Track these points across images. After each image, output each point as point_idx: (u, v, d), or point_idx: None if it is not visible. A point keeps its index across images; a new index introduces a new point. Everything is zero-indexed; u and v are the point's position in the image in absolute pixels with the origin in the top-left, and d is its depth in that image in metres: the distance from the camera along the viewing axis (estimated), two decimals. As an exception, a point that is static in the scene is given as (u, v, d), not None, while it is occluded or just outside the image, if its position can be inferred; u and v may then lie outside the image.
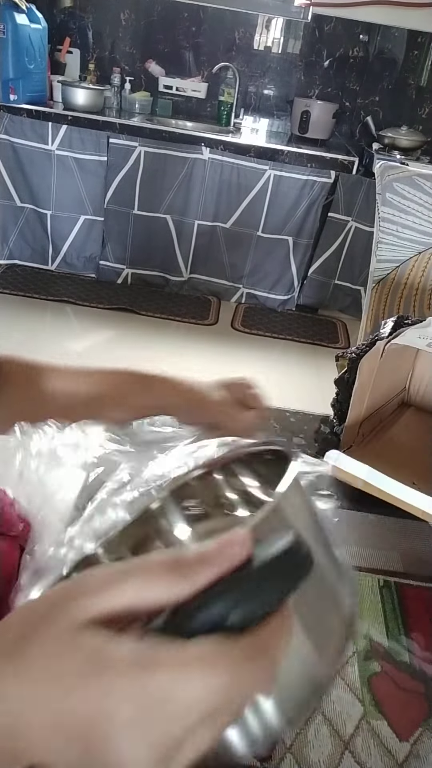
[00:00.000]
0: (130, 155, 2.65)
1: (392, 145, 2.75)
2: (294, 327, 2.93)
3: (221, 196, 2.74)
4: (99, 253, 2.93)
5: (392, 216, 1.67)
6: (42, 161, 2.67)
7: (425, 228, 1.67)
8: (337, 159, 2.62)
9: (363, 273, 2.71)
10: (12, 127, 2.59)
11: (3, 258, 2.94)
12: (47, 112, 2.59)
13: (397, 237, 1.69)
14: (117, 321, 2.76)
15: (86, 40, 3.00)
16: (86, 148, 2.63)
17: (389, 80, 2.96)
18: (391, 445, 0.85)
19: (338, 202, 2.71)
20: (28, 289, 2.86)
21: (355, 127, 3.07)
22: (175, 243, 2.88)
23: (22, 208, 2.80)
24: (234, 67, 2.91)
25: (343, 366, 0.77)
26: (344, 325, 3.03)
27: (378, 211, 1.69)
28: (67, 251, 2.92)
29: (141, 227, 2.84)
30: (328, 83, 3.01)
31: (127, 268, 2.97)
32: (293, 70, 3.01)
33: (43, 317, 2.70)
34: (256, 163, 2.64)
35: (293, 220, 2.76)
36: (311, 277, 2.93)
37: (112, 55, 3.03)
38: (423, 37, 2.84)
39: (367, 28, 2.86)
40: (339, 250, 2.83)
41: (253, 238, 2.83)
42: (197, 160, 2.64)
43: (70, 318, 2.76)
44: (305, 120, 2.82)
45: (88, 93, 2.63)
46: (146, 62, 3.01)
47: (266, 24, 2.93)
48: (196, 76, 3.04)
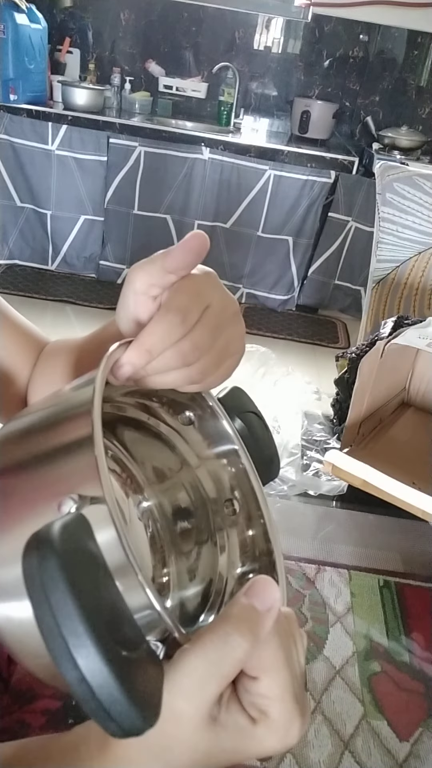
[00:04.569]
0: (130, 155, 2.65)
1: (392, 145, 2.75)
2: (294, 327, 2.93)
3: (221, 196, 2.74)
4: (99, 253, 2.93)
5: (392, 216, 1.67)
6: (42, 161, 2.67)
7: (425, 228, 1.67)
8: (337, 159, 2.62)
9: (363, 273, 2.71)
10: (12, 127, 2.59)
11: (3, 258, 2.94)
12: (47, 112, 2.59)
13: (397, 237, 1.69)
14: (117, 321, 2.75)
15: (86, 40, 3.00)
16: (86, 148, 2.63)
17: (389, 80, 2.96)
18: (391, 445, 0.85)
19: (338, 202, 2.71)
20: (28, 289, 2.86)
21: (355, 127, 3.07)
22: (175, 243, 2.83)
23: (22, 208, 2.80)
24: (234, 67, 2.91)
25: (343, 366, 0.77)
26: (344, 325, 3.03)
27: (378, 211, 1.69)
28: (67, 251, 2.92)
29: (141, 227, 2.84)
30: (328, 83, 3.01)
31: (127, 268, 2.97)
32: (293, 70, 3.01)
33: (43, 317, 2.70)
34: (256, 163, 2.64)
35: (293, 220, 2.76)
36: (311, 277, 2.93)
37: (112, 55, 3.03)
38: (423, 37, 2.84)
39: (367, 28, 2.86)
40: (339, 250, 2.83)
41: (253, 238, 2.83)
42: (197, 160, 2.64)
43: (70, 318, 2.76)
44: (305, 120, 2.82)
45: (88, 93, 2.63)
46: (146, 62, 3.01)
47: (266, 24, 2.93)
48: (196, 76, 3.04)
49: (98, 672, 0.21)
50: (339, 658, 0.59)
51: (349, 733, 0.50)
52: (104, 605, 0.23)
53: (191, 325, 0.35)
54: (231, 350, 0.37)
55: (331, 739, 0.49)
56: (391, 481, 0.65)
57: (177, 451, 0.42)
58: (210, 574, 0.40)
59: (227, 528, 0.41)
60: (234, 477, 0.41)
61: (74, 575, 0.21)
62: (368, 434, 0.86)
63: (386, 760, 0.48)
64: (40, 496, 0.29)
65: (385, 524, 0.72)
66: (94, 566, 0.23)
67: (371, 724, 0.51)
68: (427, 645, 0.58)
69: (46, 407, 0.34)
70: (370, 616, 0.61)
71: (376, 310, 1.82)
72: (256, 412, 0.42)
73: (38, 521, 0.27)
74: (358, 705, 0.52)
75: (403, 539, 0.71)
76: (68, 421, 0.31)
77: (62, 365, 0.51)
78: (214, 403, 0.40)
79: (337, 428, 0.76)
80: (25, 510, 0.29)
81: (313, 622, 0.67)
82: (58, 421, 0.32)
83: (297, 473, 1.41)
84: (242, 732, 0.28)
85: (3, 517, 0.29)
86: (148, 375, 0.35)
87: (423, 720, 0.51)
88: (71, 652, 0.21)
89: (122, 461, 0.43)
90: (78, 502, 0.25)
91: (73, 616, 0.21)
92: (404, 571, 0.67)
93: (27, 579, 0.22)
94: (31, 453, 0.31)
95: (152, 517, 0.43)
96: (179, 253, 0.36)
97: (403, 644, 0.58)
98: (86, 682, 0.21)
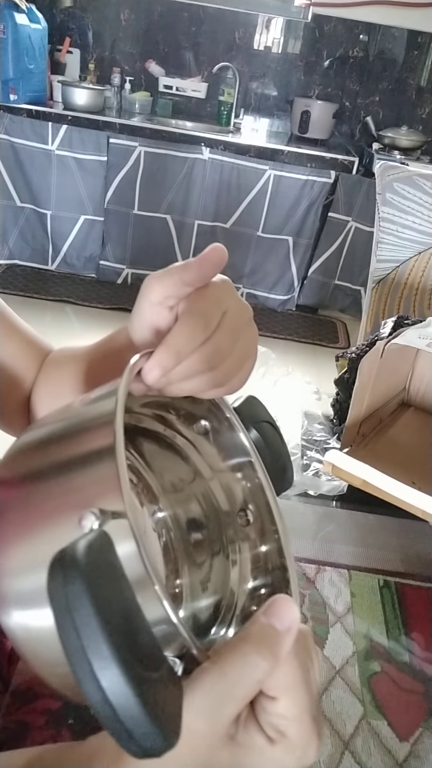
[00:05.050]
0: (130, 155, 2.65)
1: (392, 145, 2.75)
2: (294, 327, 2.93)
3: (221, 196, 2.74)
4: (99, 253, 2.93)
5: (392, 216, 1.67)
6: (42, 161, 2.67)
7: (425, 228, 1.67)
8: (337, 159, 2.62)
9: (363, 273, 2.71)
10: (12, 127, 2.59)
11: (3, 258, 2.94)
12: (47, 112, 2.59)
13: (397, 237, 1.69)
14: (117, 321, 2.75)
15: (86, 40, 3.00)
16: (86, 148, 2.63)
17: (389, 80, 2.96)
18: (391, 445, 0.85)
19: (338, 202, 2.71)
20: (28, 289, 2.86)
21: (355, 127, 3.07)
22: (175, 243, 2.88)
23: (22, 207, 2.80)
24: (234, 67, 2.91)
25: (343, 366, 0.77)
26: (344, 325, 3.03)
27: (378, 211, 1.69)
28: (67, 251, 2.92)
29: (141, 227, 2.84)
30: (328, 83, 3.01)
31: (127, 268, 2.97)
32: (293, 70, 3.01)
33: (43, 317, 2.70)
34: (256, 163, 2.64)
35: (293, 220, 2.76)
36: (311, 277, 2.93)
37: (112, 55, 3.03)
38: (423, 37, 2.84)
39: (367, 28, 2.86)
40: (339, 250, 2.83)
41: (253, 238, 2.83)
42: (197, 160, 2.64)
43: (70, 318, 2.76)
44: (305, 120, 2.82)
45: (88, 93, 2.64)
46: (146, 62, 3.01)
47: (266, 24, 2.93)
48: (196, 76, 3.04)
49: (122, 694, 0.21)
50: (339, 658, 0.59)
51: (349, 733, 0.50)
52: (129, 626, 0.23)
53: (213, 329, 0.35)
54: (248, 353, 0.38)
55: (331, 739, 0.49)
56: (391, 481, 0.65)
57: (191, 462, 0.42)
58: (221, 587, 0.40)
59: (239, 541, 0.41)
60: (249, 490, 0.40)
61: (100, 596, 0.22)
62: (368, 434, 0.87)
63: (386, 760, 0.48)
64: (58, 507, 0.28)
65: (385, 524, 0.72)
66: (118, 587, 0.23)
67: (371, 724, 0.51)
68: (427, 645, 0.58)
69: (66, 417, 0.33)
70: (370, 616, 0.61)
71: (376, 310, 1.82)
72: (271, 422, 0.42)
73: (56, 532, 0.27)
74: (358, 705, 0.52)
75: (403, 539, 0.71)
76: (89, 431, 0.30)
77: (69, 374, 0.51)
78: (231, 415, 0.40)
79: (337, 428, 0.76)
80: (42, 520, 0.29)
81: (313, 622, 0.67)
82: (78, 430, 0.31)
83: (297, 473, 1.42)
84: (260, 752, 0.28)
85: (20, 526, 0.29)
86: (172, 382, 0.34)
87: (423, 720, 0.51)
88: (95, 674, 0.21)
89: (138, 470, 0.42)
90: (100, 517, 0.25)
91: (98, 638, 0.21)
92: (404, 571, 0.67)
93: (52, 598, 0.22)
94: (49, 462, 0.31)
95: (166, 526, 0.43)
96: (199, 267, 0.37)
97: (403, 644, 0.58)
98: (110, 704, 0.21)
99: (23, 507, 0.30)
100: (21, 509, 0.30)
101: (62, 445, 0.31)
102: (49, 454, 0.32)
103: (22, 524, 0.29)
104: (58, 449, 0.31)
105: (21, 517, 0.30)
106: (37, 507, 0.29)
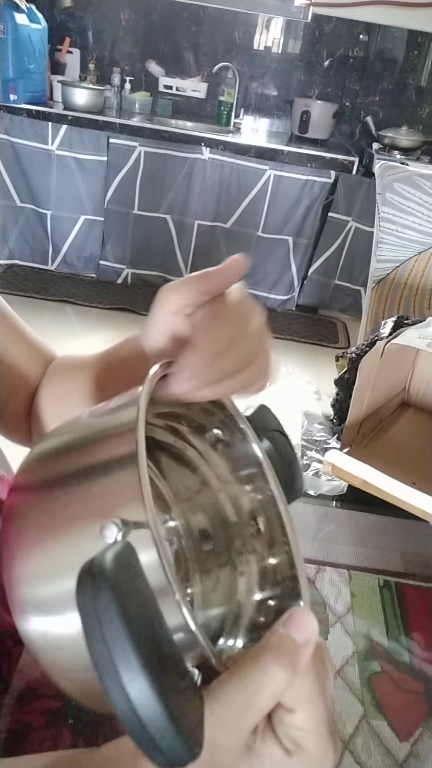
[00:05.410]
0: (130, 155, 2.65)
1: (392, 145, 2.75)
2: (294, 327, 2.93)
3: (221, 196, 2.74)
4: (99, 253, 2.93)
5: (392, 216, 1.67)
6: (42, 161, 2.67)
7: (425, 228, 1.67)
8: (337, 159, 2.62)
9: (363, 273, 2.71)
10: (12, 127, 2.59)
11: (3, 258, 2.94)
12: (47, 112, 2.59)
13: (397, 237, 1.69)
14: (117, 321, 2.75)
15: (86, 40, 3.00)
16: (86, 148, 2.63)
17: (389, 80, 2.96)
18: (391, 445, 0.85)
19: (338, 202, 2.71)
20: (28, 289, 2.86)
21: (355, 127, 3.07)
22: (175, 243, 2.88)
23: (22, 207, 2.80)
24: (234, 67, 2.91)
25: (343, 366, 0.77)
26: (344, 325, 3.03)
27: (378, 211, 1.69)
28: (67, 251, 2.92)
29: (141, 227, 2.84)
30: (328, 83, 3.01)
31: (127, 268, 2.97)
32: (293, 70, 3.01)
33: (42, 317, 2.70)
34: (256, 163, 2.64)
35: (293, 220, 2.76)
36: (311, 277, 2.92)
37: (112, 55, 3.03)
38: (423, 37, 2.84)
39: (367, 28, 2.86)
40: (339, 250, 2.83)
41: (253, 238, 2.83)
42: (197, 160, 2.64)
43: (70, 318, 2.76)
44: (305, 120, 2.82)
45: (88, 93, 2.63)
46: (146, 62, 3.01)
47: (266, 24, 2.93)
48: (196, 76, 3.04)
49: (150, 705, 0.22)
50: (339, 658, 0.59)
51: (349, 733, 0.50)
52: (155, 637, 0.23)
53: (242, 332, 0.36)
54: (268, 353, 0.39)
55: (331, 739, 0.49)
56: (391, 481, 0.65)
57: (199, 473, 0.42)
58: (229, 598, 0.40)
59: (247, 553, 0.41)
60: (259, 501, 0.40)
61: (128, 608, 0.22)
62: (368, 434, 0.86)
63: (386, 760, 0.48)
64: (78, 515, 0.28)
65: (385, 524, 0.72)
66: (144, 598, 0.23)
67: (371, 724, 0.51)
68: (427, 645, 0.58)
69: (85, 426, 0.33)
70: (370, 616, 0.61)
71: (376, 310, 1.82)
72: (281, 431, 0.42)
73: (77, 540, 0.27)
74: (358, 705, 0.52)
75: (403, 539, 0.71)
76: (110, 439, 0.30)
77: (75, 383, 0.51)
78: (245, 426, 0.40)
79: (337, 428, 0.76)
80: (62, 528, 0.29)
81: (313, 622, 0.67)
82: (98, 439, 0.31)
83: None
84: (277, 764, 0.28)
85: (39, 533, 0.29)
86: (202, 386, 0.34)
87: (423, 720, 0.51)
88: (124, 685, 0.22)
89: (151, 478, 0.42)
90: (122, 528, 0.25)
91: (127, 649, 0.21)
92: (404, 571, 0.67)
93: (82, 610, 0.22)
94: (69, 470, 0.31)
95: (177, 534, 0.43)
96: (218, 278, 0.38)
97: (403, 644, 0.58)
98: (137, 715, 0.22)
99: (42, 514, 0.30)
100: (39, 517, 0.30)
101: (82, 453, 0.31)
102: (69, 462, 0.31)
103: (41, 531, 0.29)
104: (77, 457, 0.31)
105: (39, 525, 0.29)
106: (57, 515, 0.29)
